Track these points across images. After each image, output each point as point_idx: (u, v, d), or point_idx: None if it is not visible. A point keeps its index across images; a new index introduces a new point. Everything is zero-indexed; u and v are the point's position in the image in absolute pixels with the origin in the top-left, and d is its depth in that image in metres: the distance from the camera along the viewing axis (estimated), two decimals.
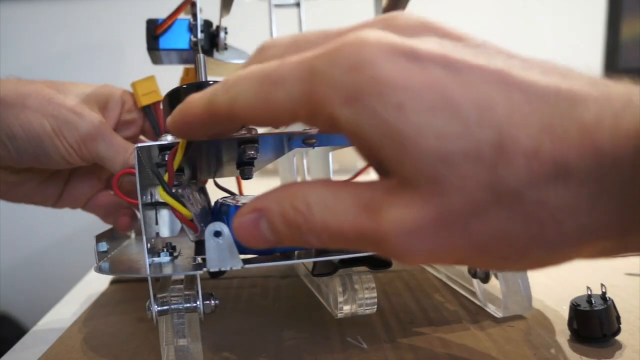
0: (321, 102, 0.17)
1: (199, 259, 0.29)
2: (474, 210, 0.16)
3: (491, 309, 0.34)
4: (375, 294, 0.29)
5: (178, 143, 0.26)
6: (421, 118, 0.15)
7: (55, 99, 0.35)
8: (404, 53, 0.16)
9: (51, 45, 1.20)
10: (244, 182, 0.39)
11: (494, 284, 0.33)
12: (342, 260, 0.29)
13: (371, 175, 0.49)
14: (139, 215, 0.27)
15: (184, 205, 0.26)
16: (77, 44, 1.21)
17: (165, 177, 0.26)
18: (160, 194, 0.26)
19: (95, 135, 0.35)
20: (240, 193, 0.39)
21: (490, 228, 0.16)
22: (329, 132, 0.17)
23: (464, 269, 0.35)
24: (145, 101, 0.40)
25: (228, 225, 0.25)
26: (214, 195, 0.34)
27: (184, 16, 0.41)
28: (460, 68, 0.16)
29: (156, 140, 0.27)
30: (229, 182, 0.36)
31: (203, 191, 0.33)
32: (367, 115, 0.16)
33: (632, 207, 0.15)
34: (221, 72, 0.42)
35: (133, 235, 0.41)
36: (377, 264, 0.30)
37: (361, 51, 0.16)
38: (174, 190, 0.26)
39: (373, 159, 0.19)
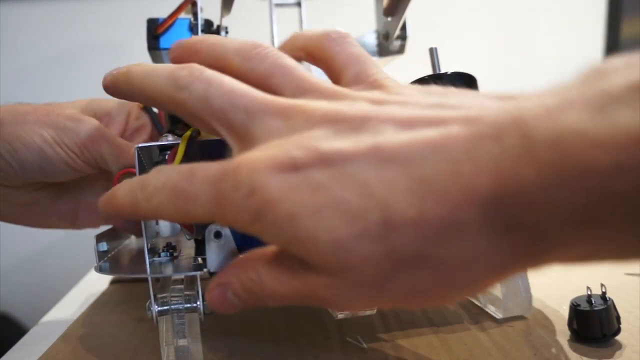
0: (231, 221, 0.20)
1: (200, 259, 0.29)
2: (384, 278, 0.18)
3: (491, 309, 0.34)
4: None
5: (178, 143, 0.26)
6: (312, 222, 0.17)
7: (53, 111, 0.35)
8: (287, 167, 0.18)
9: (51, 45, 1.20)
10: None
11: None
12: None
13: None
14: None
15: None
16: (77, 44, 1.21)
17: None
18: None
19: (96, 138, 0.35)
20: None
21: (404, 286, 0.18)
22: None
23: None
24: None
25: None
26: None
27: (184, 15, 0.41)
28: (336, 163, 0.18)
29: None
30: None
31: None
32: (270, 230, 0.19)
33: (530, 242, 0.16)
34: None
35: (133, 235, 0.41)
36: None
37: (252, 177, 0.18)
38: None
39: None
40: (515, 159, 0.15)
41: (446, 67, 0.34)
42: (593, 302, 0.29)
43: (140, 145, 0.26)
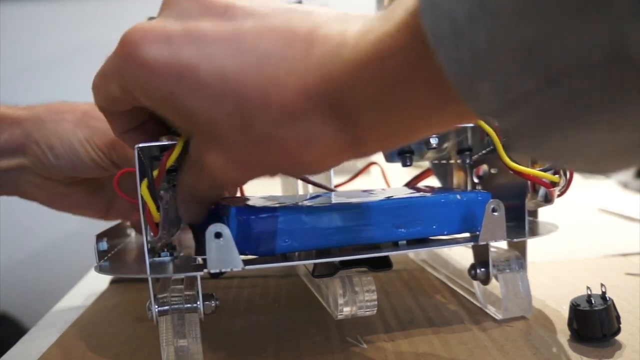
0: (133, 97, 0.24)
1: (200, 260, 0.29)
2: (245, 150, 0.22)
3: (491, 310, 0.34)
4: (375, 296, 0.29)
5: (176, 144, 0.26)
6: (187, 101, 0.22)
7: (89, 112, 0.39)
8: (161, 39, 0.22)
9: (51, 45, 1.20)
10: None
11: (495, 285, 0.33)
12: (342, 262, 0.29)
13: (371, 175, 0.49)
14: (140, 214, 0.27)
15: (157, 207, 0.26)
16: (77, 44, 1.21)
17: (155, 174, 0.26)
18: (141, 188, 0.26)
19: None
20: (242, 194, 0.38)
21: (261, 159, 0.23)
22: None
23: (464, 269, 0.35)
24: None
25: (229, 226, 0.25)
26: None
27: None
28: (201, 42, 0.21)
29: None
30: None
31: None
32: (157, 104, 0.23)
33: (350, 127, 0.21)
34: None
35: (133, 234, 0.41)
36: (378, 265, 0.30)
37: (133, 50, 0.22)
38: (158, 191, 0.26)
39: None
40: (333, 65, 0.20)
41: None
42: (593, 302, 0.29)
43: (140, 145, 0.26)
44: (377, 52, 0.19)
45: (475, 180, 0.38)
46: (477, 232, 0.30)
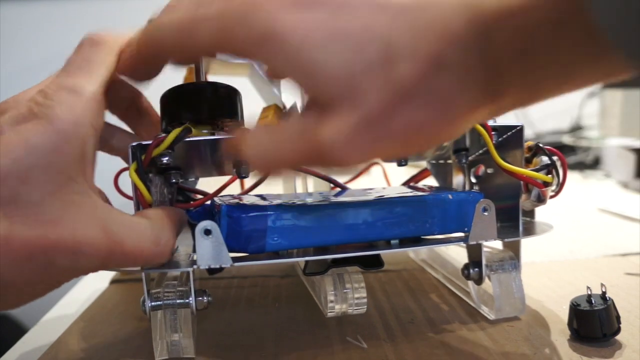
0: (236, 46, 0.21)
1: (195, 256, 0.29)
2: (386, 110, 0.20)
3: (484, 310, 0.34)
4: (365, 294, 0.29)
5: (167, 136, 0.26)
6: (320, 54, 0.19)
7: None
8: (294, 3, 0.20)
9: (51, 45, 1.20)
10: (246, 180, 0.38)
11: (490, 285, 0.33)
12: (334, 260, 0.29)
13: (372, 176, 0.49)
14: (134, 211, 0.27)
15: (149, 190, 0.26)
16: (77, 44, 1.21)
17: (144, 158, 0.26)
18: (130, 172, 0.26)
19: None
20: (243, 192, 0.38)
21: (403, 121, 0.20)
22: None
23: (459, 269, 0.35)
24: None
25: (219, 224, 0.25)
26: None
27: None
28: (338, 5, 0.20)
29: None
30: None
31: (179, 192, 0.33)
32: (278, 60, 0.20)
33: (493, 78, 0.19)
34: (224, 71, 0.42)
35: None
36: (370, 263, 0.30)
37: (260, 6, 0.20)
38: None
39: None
40: (479, 9, 0.19)
41: None
42: (593, 302, 0.29)
43: (134, 143, 0.26)
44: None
45: (473, 180, 0.38)
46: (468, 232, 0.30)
